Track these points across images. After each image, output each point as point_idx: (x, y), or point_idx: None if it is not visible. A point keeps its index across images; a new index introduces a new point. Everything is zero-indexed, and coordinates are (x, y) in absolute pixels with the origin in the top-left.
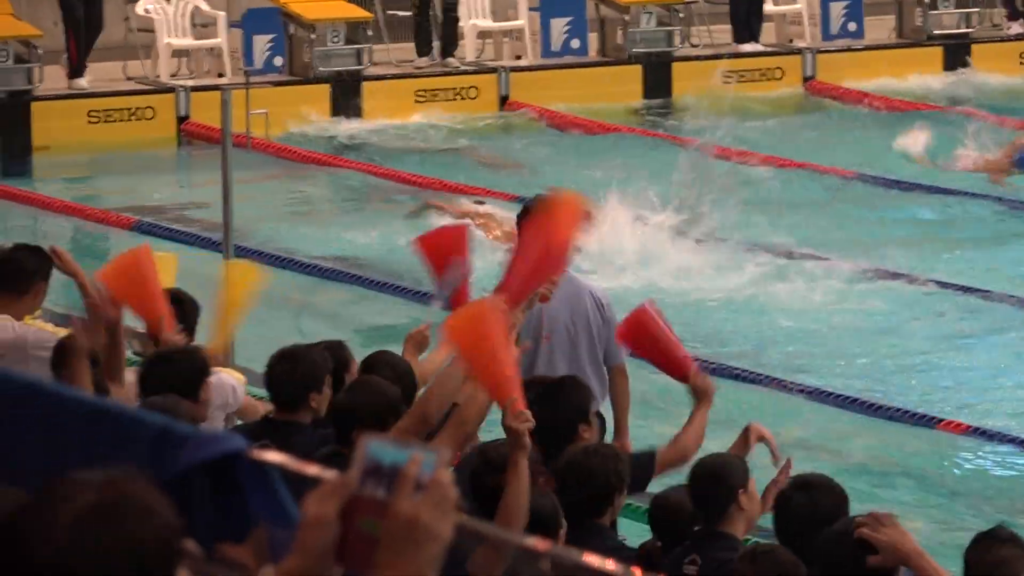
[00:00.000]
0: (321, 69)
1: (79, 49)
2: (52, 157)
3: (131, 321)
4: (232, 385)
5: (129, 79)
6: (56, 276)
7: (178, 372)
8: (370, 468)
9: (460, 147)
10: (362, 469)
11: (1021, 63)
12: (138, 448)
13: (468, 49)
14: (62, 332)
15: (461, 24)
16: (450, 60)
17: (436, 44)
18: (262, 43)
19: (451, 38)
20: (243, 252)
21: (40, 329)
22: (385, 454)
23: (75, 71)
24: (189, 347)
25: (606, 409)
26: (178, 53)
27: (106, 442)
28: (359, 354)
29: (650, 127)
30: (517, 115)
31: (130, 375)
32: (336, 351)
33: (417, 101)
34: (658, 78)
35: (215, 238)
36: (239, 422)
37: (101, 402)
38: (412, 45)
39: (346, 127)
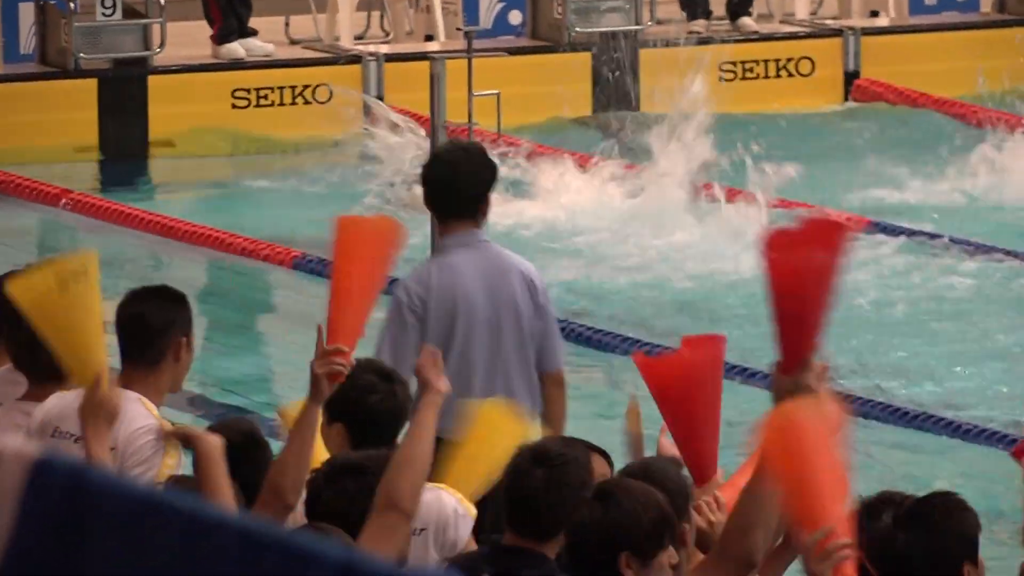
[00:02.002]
0: (578, 30)
1: None
2: (178, 158)
3: None
4: (453, 508)
5: (294, 42)
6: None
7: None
8: None
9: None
10: None
11: None
12: None
13: (798, 1)
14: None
15: None
16: (744, 22)
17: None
18: None
19: None
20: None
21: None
22: None
23: (224, 32)
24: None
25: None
26: (366, 5)
27: None
28: None
29: None
30: (869, 102)
31: None
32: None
33: (723, 79)
34: None
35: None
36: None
37: (261, 527)
38: None
39: (613, 119)
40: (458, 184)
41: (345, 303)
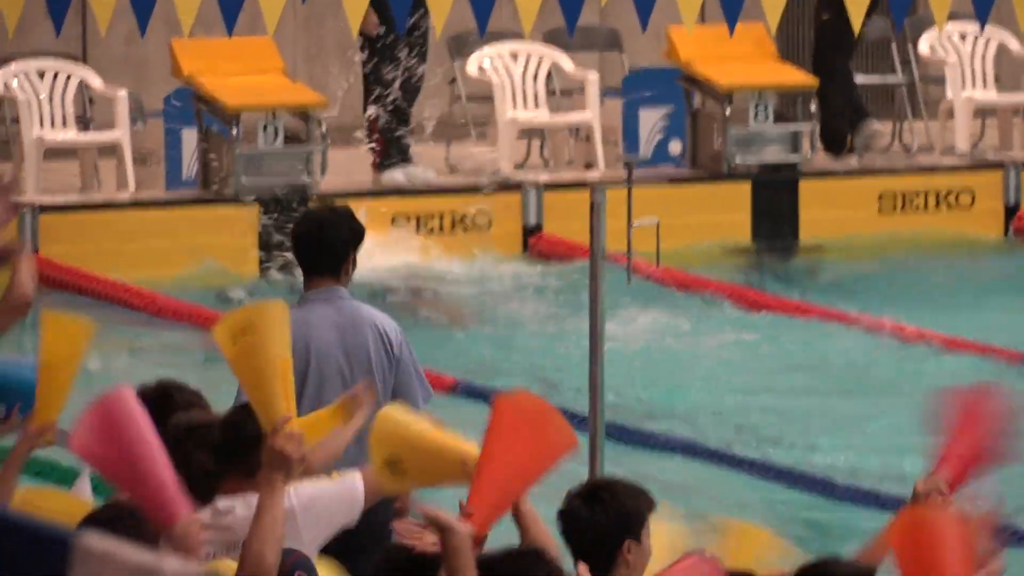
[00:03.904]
0: (739, 161)
1: (385, 124)
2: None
3: None
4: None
5: (455, 172)
6: None
7: None
8: None
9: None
10: None
11: None
12: None
13: (958, 134)
14: None
15: (949, 96)
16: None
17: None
18: (652, 120)
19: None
20: (621, 434)
21: None
22: None
23: (384, 159)
24: None
25: None
26: (527, 134)
27: None
28: None
29: None
30: None
31: None
32: None
33: (881, 211)
34: None
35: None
36: None
37: None
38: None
39: (773, 249)
40: (323, 242)
41: (491, 480)
